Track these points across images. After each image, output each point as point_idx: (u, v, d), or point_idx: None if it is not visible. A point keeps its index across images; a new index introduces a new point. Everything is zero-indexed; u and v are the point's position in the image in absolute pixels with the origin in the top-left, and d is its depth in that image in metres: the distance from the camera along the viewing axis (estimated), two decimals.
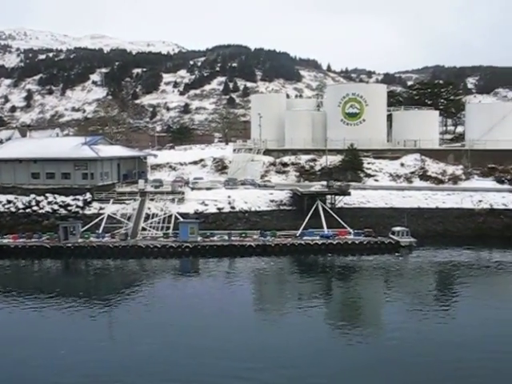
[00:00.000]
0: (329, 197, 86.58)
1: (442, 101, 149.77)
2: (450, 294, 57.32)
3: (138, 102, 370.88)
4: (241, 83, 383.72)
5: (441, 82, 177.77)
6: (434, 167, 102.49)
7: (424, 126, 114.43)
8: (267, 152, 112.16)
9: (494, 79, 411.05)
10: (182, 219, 78.27)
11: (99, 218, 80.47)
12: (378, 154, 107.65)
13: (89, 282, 62.86)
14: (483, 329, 44.56)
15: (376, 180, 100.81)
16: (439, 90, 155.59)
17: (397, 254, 72.55)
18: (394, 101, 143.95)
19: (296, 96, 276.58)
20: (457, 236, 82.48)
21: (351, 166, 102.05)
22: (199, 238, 73.90)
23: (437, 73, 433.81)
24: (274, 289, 61.31)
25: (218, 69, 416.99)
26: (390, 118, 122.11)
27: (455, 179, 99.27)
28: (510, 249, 76.86)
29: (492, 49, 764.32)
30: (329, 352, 40.56)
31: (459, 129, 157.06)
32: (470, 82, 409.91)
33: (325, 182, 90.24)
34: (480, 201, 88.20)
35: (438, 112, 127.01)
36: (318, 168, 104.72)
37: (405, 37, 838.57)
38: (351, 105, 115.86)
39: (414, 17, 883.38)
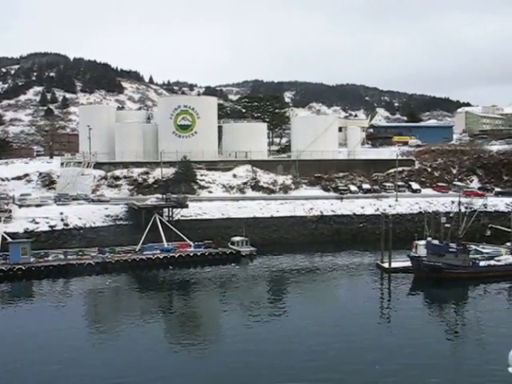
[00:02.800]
0: (166, 210, 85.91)
1: (267, 114, 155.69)
2: (287, 298, 60.19)
3: None
4: (59, 94, 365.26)
5: (261, 95, 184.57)
6: (265, 178, 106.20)
7: (253, 137, 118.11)
8: (98, 165, 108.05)
9: (308, 94, 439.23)
10: (10, 239, 72.65)
11: None
12: (211, 165, 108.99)
13: None
14: (317, 328, 47.06)
15: (210, 192, 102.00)
16: (265, 103, 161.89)
17: (233, 264, 73.90)
18: (222, 113, 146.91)
19: (118, 108, 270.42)
20: (292, 243, 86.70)
21: (185, 178, 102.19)
22: (32, 259, 69.24)
23: (256, 87, 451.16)
24: (113, 307, 59.17)
25: (34, 78, 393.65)
26: (220, 130, 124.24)
27: (285, 189, 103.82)
28: (339, 252, 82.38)
29: (307, 65, 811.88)
30: (166, 367, 39.63)
31: (283, 140, 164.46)
32: (287, 96, 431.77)
33: (159, 195, 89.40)
34: (311, 208, 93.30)
35: (266, 124, 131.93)
36: (151, 181, 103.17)
37: (226, 50, 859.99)
38: (183, 117, 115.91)
39: (236, 31, 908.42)
